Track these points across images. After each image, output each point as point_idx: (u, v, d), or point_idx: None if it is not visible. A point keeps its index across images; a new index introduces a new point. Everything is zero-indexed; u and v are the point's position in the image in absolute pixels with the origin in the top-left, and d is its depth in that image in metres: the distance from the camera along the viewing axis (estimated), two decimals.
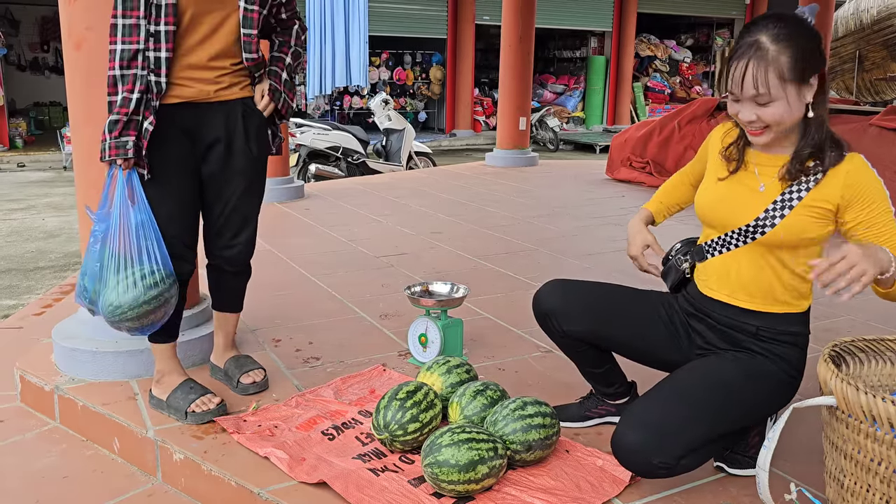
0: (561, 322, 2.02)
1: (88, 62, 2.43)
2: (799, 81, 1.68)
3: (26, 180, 10.23)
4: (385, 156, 9.49)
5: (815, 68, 1.70)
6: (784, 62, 1.65)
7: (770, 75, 1.66)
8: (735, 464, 1.97)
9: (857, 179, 1.72)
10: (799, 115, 1.72)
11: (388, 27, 15.46)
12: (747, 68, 1.67)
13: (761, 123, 1.72)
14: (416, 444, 2.01)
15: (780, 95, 1.67)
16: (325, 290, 3.61)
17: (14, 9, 15.73)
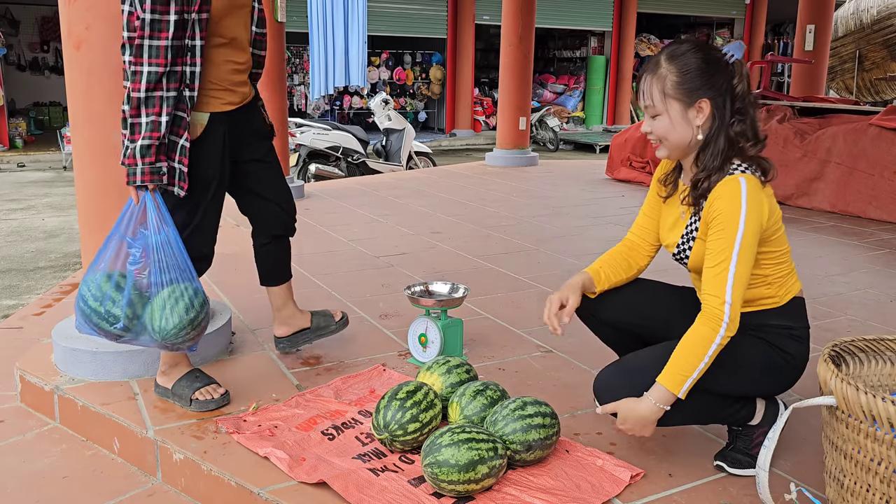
0: (598, 311, 2.08)
1: (88, 62, 2.43)
2: (683, 101, 1.82)
3: (26, 180, 10.23)
4: (385, 156, 9.49)
5: (705, 93, 1.82)
6: (669, 80, 1.83)
7: (654, 89, 1.85)
8: (735, 463, 1.97)
9: (717, 204, 1.79)
10: (685, 136, 1.85)
11: (388, 27, 15.46)
12: (643, 82, 1.88)
13: (654, 136, 1.89)
14: (416, 444, 2.01)
15: (663, 110, 1.84)
16: (324, 290, 3.61)
17: (14, 9, 15.73)
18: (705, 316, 1.76)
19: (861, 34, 11.03)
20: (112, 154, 2.47)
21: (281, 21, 5.74)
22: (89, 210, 2.56)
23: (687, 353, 1.76)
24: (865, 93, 11.39)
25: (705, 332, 1.75)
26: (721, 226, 1.77)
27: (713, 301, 1.75)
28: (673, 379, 1.75)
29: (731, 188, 1.78)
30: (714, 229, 1.79)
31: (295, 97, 15.10)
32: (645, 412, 1.78)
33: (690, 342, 1.76)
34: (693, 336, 1.77)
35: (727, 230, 1.76)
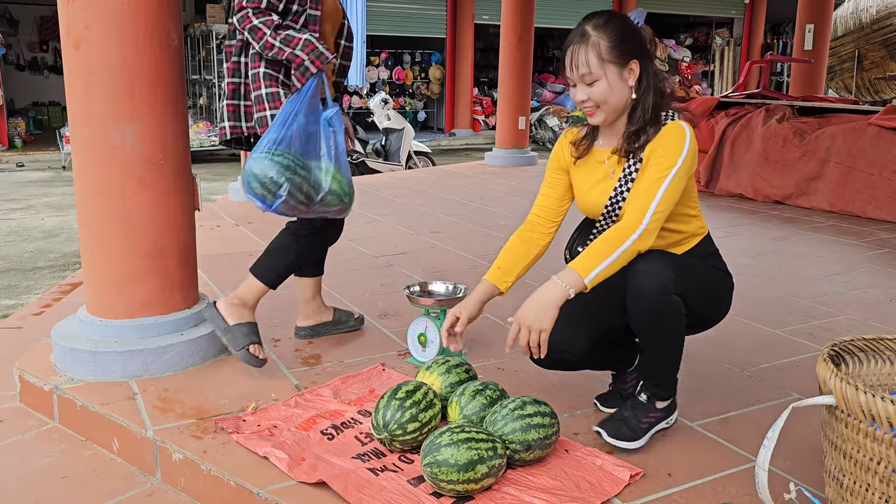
0: (569, 348, 2.07)
1: (87, 61, 2.43)
2: (618, 63, 1.94)
3: (25, 180, 10.22)
4: (384, 155, 9.49)
5: (634, 54, 1.96)
6: (603, 45, 1.94)
7: (591, 56, 1.94)
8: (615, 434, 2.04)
9: (661, 141, 1.95)
10: (622, 96, 1.97)
11: (388, 26, 15.44)
12: (575, 52, 1.97)
13: (592, 103, 1.98)
14: (416, 443, 2.01)
15: (601, 74, 1.95)
16: (324, 290, 3.60)
17: (13, 8, 15.73)
18: (624, 221, 1.92)
19: (860, 34, 11.03)
20: (111, 154, 2.47)
21: None
22: (88, 210, 2.56)
23: (600, 246, 1.90)
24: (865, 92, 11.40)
25: (621, 231, 1.90)
26: (661, 157, 1.93)
27: (636, 213, 1.91)
28: (584, 265, 1.88)
29: (677, 130, 1.96)
30: (653, 161, 1.94)
31: None
32: (550, 293, 1.87)
33: (605, 238, 1.91)
34: (609, 234, 1.92)
35: (666, 160, 1.93)
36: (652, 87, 1.99)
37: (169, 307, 2.63)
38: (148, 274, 2.56)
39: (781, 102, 7.12)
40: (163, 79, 2.50)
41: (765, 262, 4.29)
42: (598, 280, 1.88)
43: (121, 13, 2.39)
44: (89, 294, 2.64)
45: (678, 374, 2.11)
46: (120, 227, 2.52)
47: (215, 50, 13.95)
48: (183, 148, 2.63)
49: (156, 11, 2.45)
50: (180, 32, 2.59)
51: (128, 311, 2.58)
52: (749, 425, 2.25)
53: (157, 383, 2.49)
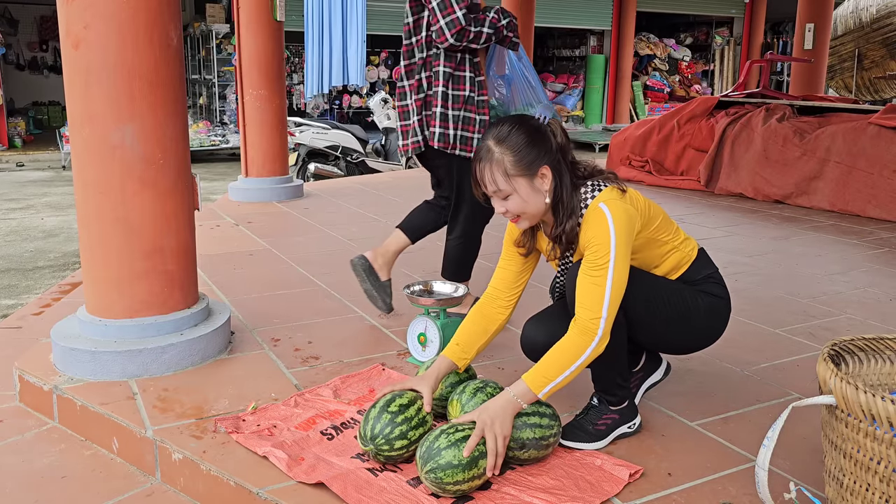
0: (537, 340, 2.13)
1: (87, 61, 2.43)
2: (526, 175, 1.93)
3: (25, 180, 10.22)
4: (384, 155, 9.49)
5: (542, 161, 1.94)
6: (507, 160, 1.92)
7: (496, 174, 1.93)
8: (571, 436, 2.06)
9: (588, 233, 1.92)
10: (539, 203, 1.97)
11: (388, 26, 15.44)
12: (482, 170, 1.95)
13: (511, 214, 1.99)
14: (401, 458, 1.96)
15: (511, 189, 1.94)
16: (324, 290, 3.60)
17: (13, 8, 15.73)
18: (579, 328, 1.89)
19: (860, 33, 11.03)
20: (111, 153, 2.47)
21: (279, 20, 5.74)
22: (88, 209, 2.56)
23: (557, 358, 1.89)
24: (865, 91, 11.39)
25: (578, 342, 1.88)
26: (593, 253, 1.89)
27: (588, 315, 1.88)
28: (536, 380, 1.89)
29: (595, 217, 1.91)
30: (589, 252, 1.91)
31: (294, 96, 15.09)
32: (502, 403, 1.87)
33: (562, 349, 1.89)
34: (565, 344, 1.90)
35: (598, 255, 1.88)
36: (566, 187, 1.97)
37: (169, 307, 2.63)
38: (148, 274, 2.56)
39: (781, 102, 7.12)
40: (162, 78, 2.49)
41: (765, 262, 4.29)
42: (552, 392, 1.90)
43: (120, 13, 2.39)
44: (89, 294, 2.64)
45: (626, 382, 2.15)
46: (120, 226, 2.52)
47: (215, 50, 13.95)
48: (182, 147, 2.63)
49: (155, 11, 2.45)
50: (180, 32, 2.59)
51: (127, 310, 2.58)
52: (749, 425, 2.25)
53: (157, 383, 2.49)
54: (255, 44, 5.72)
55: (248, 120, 5.91)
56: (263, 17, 5.67)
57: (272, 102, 5.87)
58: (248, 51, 5.74)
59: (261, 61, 5.74)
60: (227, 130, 12.71)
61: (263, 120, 5.88)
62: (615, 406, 2.11)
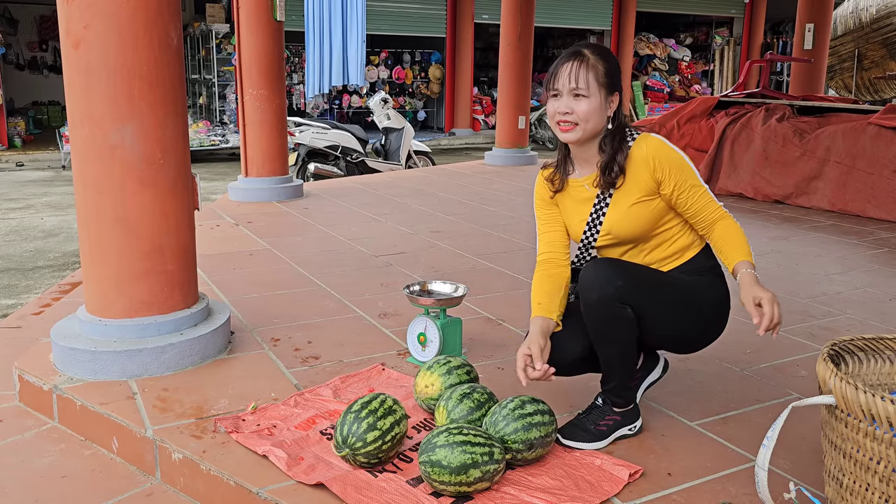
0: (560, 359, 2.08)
1: (87, 61, 2.43)
2: (607, 91, 2.03)
3: (25, 179, 10.22)
4: (384, 155, 9.48)
5: (618, 88, 2.06)
6: (601, 69, 2.02)
7: (589, 74, 2.01)
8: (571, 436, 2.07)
9: (659, 158, 2.04)
10: (601, 122, 2.05)
11: (388, 26, 15.44)
12: (573, 67, 2.01)
13: (574, 117, 2.02)
14: (381, 453, 1.93)
15: (594, 93, 2.01)
16: (324, 290, 3.60)
17: (13, 8, 15.72)
18: (720, 216, 2.08)
19: (860, 33, 11.02)
20: (110, 153, 2.47)
21: (279, 20, 5.74)
22: (88, 209, 2.56)
23: (736, 237, 2.05)
24: (864, 91, 11.39)
25: (730, 221, 2.08)
26: (677, 172, 2.04)
27: (716, 208, 2.08)
28: (746, 254, 2.02)
29: (656, 144, 2.07)
30: (672, 178, 2.04)
31: (294, 96, 15.09)
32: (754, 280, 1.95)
33: (733, 232, 2.05)
34: (730, 229, 2.06)
35: (685, 167, 2.05)
36: (620, 123, 2.09)
37: (168, 307, 2.63)
38: (147, 273, 2.56)
39: (781, 102, 7.11)
40: (162, 78, 2.49)
41: (765, 262, 4.29)
42: None
43: (120, 12, 2.39)
44: (89, 293, 2.64)
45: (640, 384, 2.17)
46: (119, 226, 2.52)
47: (215, 49, 13.95)
48: (182, 147, 2.63)
49: (155, 11, 2.45)
50: (180, 32, 2.59)
51: (127, 310, 2.58)
52: (749, 425, 2.25)
53: (157, 383, 2.49)
54: (255, 43, 5.72)
55: (247, 120, 5.91)
56: (263, 16, 5.67)
57: (272, 102, 5.87)
58: (247, 50, 5.74)
59: (261, 61, 5.74)
60: (227, 130, 12.71)
61: (263, 120, 5.88)
62: (620, 408, 2.11)
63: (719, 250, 2.04)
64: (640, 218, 2.08)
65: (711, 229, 2.07)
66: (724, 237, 2.04)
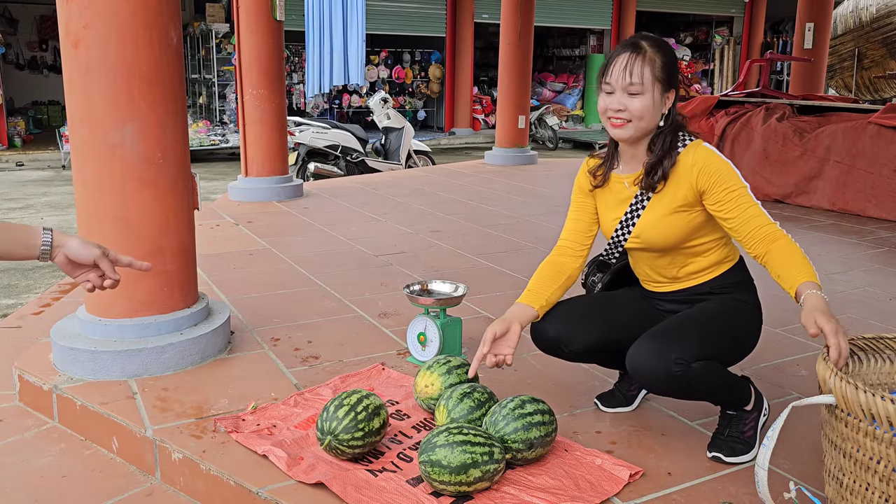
0: (567, 345, 2.11)
1: (86, 60, 2.42)
2: (663, 86, 1.94)
3: (25, 179, 10.22)
4: (384, 154, 9.48)
5: (675, 84, 1.97)
6: (657, 64, 1.92)
7: (645, 69, 1.91)
8: (731, 452, 2.01)
9: (705, 168, 1.95)
10: (654, 119, 1.96)
11: (388, 25, 15.44)
12: (630, 60, 1.91)
13: (627, 114, 1.93)
14: (360, 431, 1.93)
15: (649, 90, 1.92)
16: (324, 289, 3.60)
17: (13, 7, 15.72)
18: (775, 235, 1.91)
19: (860, 32, 11.02)
20: (110, 153, 2.47)
21: (279, 19, 5.74)
22: (88, 209, 2.56)
23: (794, 257, 1.86)
24: (865, 91, 11.39)
25: (788, 241, 1.90)
26: (726, 183, 1.93)
27: (770, 227, 1.92)
28: (811, 275, 1.80)
29: (705, 153, 1.97)
30: (720, 188, 1.93)
31: (294, 96, 15.09)
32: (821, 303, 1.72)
33: (791, 252, 1.86)
34: (787, 248, 1.87)
35: (734, 183, 1.94)
36: (673, 122, 1.99)
37: (168, 306, 2.63)
38: (147, 273, 2.55)
39: (781, 101, 7.11)
40: (162, 78, 2.49)
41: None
42: None
43: (120, 12, 2.39)
44: (88, 294, 2.64)
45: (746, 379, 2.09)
46: (119, 226, 2.52)
47: (215, 49, 13.95)
48: (182, 147, 2.63)
49: (155, 10, 2.45)
50: (179, 31, 2.59)
51: (127, 310, 2.58)
52: None
53: (157, 382, 2.49)
54: (254, 43, 5.72)
55: (247, 119, 5.91)
56: (263, 16, 5.67)
57: (272, 102, 5.87)
58: (247, 50, 5.74)
59: (260, 61, 5.74)
60: (227, 130, 12.71)
61: (263, 119, 5.88)
62: (749, 405, 2.06)
63: (778, 274, 1.85)
64: (674, 228, 2.00)
65: (767, 251, 1.88)
66: (784, 259, 1.85)
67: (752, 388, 2.09)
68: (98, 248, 1.54)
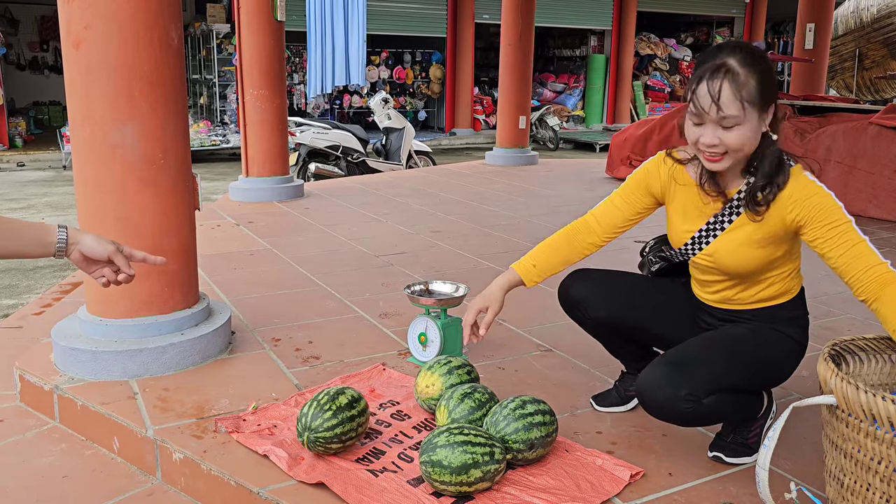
0: (588, 309, 2.12)
1: (87, 61, 2.43)
2: (760, 108, 1.73)
3: (26, 179, 10.22)
4: (385, 155, 9.48)
5: (774, 97, 1.76)
6: (752, 86, 1.69)
7: (742, 93, 1.69)
8: (733, 453, 2.01)
9: (801, 199, 1.79)
10: (756, 142, 1.77)
11: (388, 26, 15.45)
12: (717, 87, 1.69)
13: (722, 148, 1.74)
14: (326, 414, 1.95)
15: (745, 119, 1.71)
16: (324, 289, 3.60)
17: (13, 8, 15.73)
18: (888, 278, 1.74)
19: (861, 32, 11.02)
20: (111, 153, 2.47)
21: (280, 20, 5.74)
22: (89, 209, 2.56)
23: None
24: (865, 91, 11.39)
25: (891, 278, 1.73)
26: (829, 218, 1.78)
27: (881, 267, 1.75)
28: None
29: (806, 183, 1.81)
30: (821, 224, 1.78)
31: (295, 96, 15.10)
32: None
33: None
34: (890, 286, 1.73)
35: (838, 218, 1.78)
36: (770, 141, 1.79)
37: (169, 307, 2.63)
38: (148, 273, 2.56)
39: (782, 101, 7.11)
40: (163, 78, 2.49)
41: None
42: None
43: (120, 12, 2.39)
44: (89, 293, 2.64)
45: None
46: (120, 226, 2.52)
47: (215, 49, 13.95)
48: (183, 147, 2.63)
49: (155, 11, 2.45)
50: (180, 32, 2.59)
51: (128, 310, 2.58)
52: None
53: (158, 383, 2.49)
54: (255, 43, 5.72)
55: (248, 120, 5.91)
56: (264, 16, 5.67)
57: (273, 102, 5.87)
58: (248, 50, 5.74)
59: (261, 61, 5.74)
60: (228, 130, 12.71)
61: (264, 120, 5.89)
62: (752, 425, 2.04)
63: (885, 319, 1.73)
64: (751, 258, 1.87)
65: (878, 297, 1.74)
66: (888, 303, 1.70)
67: (764, 398, 2.05)
68: (112, 244, 1.56)
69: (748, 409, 2.00)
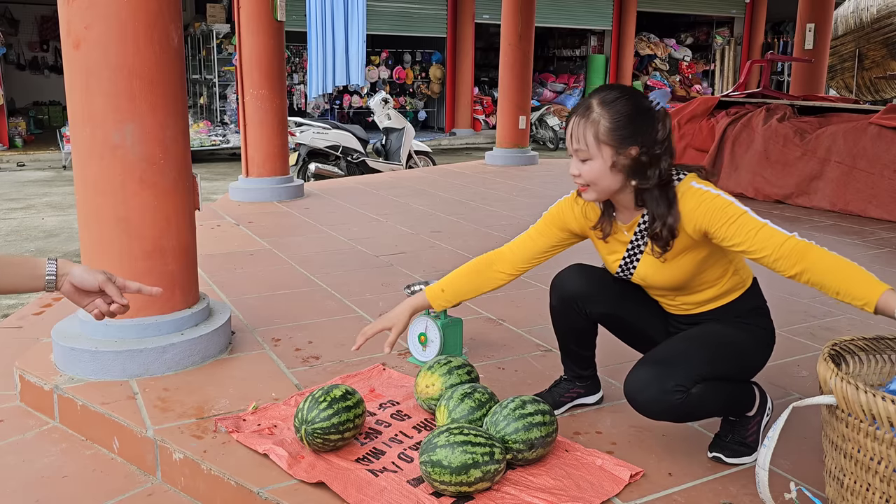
0: (584, 305, 2.14)
1: (87, 61, 2.43)
2: (615, 147, 1.83)
3: (26, 179, 10.22)
4: (385, 155, 9.49)
5: (635, 140, 1.82)
6: (603, 125, 1.82)
7: (588, 133, 1.84)
8: (732, 453, 2.01)
9: (694, 210, 1.85)
10: (617, 180, 1.87)
11: (388, 26, 15.45)
12: (574, 125, 1.86)
13: (583, 180, 1.89)
14: (322, 405, 1.97)
15: (597, 155, 1.84)
16: (324, 290, 3.60)
17: (14, 8, 15.73)
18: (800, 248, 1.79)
19: (861, 33, 11.02)
20: (111, 153, 2.47)
21: (280, 20, 5.74)
22: (89, 209, 2.56)
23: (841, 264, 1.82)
24: (865, 91, 11.39)
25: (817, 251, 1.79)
26: (725, 217, 1.82)
27: (790, 241, 1.80)
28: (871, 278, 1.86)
29: (694, 194, 1.86)
30: (721, 224, 1.82)
31: (295, 96, 15.10)
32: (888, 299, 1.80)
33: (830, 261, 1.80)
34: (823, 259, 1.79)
35: (732, 213, 1.82)
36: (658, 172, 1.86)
37: (169, 307, 2.64)
38: (148, 273, 2.56)
39: (782, 102, 7.11)
40: (163, 78, 2.49)
41: None
42: None
43: (121, 13, 2.39)
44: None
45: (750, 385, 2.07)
46: (120, 226, 2.52)
47: (215, 49, 13.95)
48: (183, 147, 2.63)
49: (156, 11, 2.45)
50: (180, 32, 2.59)
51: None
52: None
53: (158, 383, 2.49)
54: (255, 43, 5.72)
55: (248, 120, 5.91)
56: (264, 16, 5.68)
57: (273, 102, 5.88)
58: (248, 51, 5.75)
59: (261, 61, 5.75)
60: (228, 130, 12.72)
61: (264, 120, 5.89)
62: (752, 411, 2.06)
63: (836, 291, 1.79)
64: (679, 271, 1.95)
65: (803, 269, 1.77)
66: (830, 273, 1.78)
67: (755, 392, 2.07)
68: (103, 273, 1.55)
69: (739, 399, 2.02)
